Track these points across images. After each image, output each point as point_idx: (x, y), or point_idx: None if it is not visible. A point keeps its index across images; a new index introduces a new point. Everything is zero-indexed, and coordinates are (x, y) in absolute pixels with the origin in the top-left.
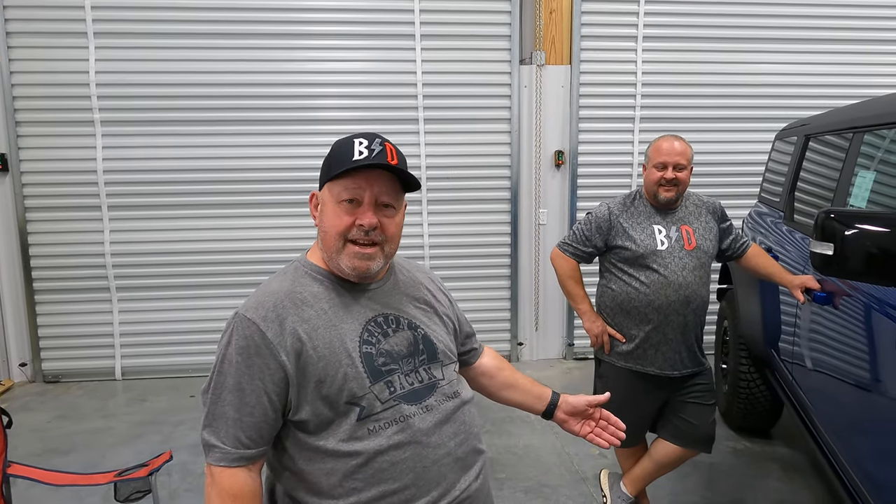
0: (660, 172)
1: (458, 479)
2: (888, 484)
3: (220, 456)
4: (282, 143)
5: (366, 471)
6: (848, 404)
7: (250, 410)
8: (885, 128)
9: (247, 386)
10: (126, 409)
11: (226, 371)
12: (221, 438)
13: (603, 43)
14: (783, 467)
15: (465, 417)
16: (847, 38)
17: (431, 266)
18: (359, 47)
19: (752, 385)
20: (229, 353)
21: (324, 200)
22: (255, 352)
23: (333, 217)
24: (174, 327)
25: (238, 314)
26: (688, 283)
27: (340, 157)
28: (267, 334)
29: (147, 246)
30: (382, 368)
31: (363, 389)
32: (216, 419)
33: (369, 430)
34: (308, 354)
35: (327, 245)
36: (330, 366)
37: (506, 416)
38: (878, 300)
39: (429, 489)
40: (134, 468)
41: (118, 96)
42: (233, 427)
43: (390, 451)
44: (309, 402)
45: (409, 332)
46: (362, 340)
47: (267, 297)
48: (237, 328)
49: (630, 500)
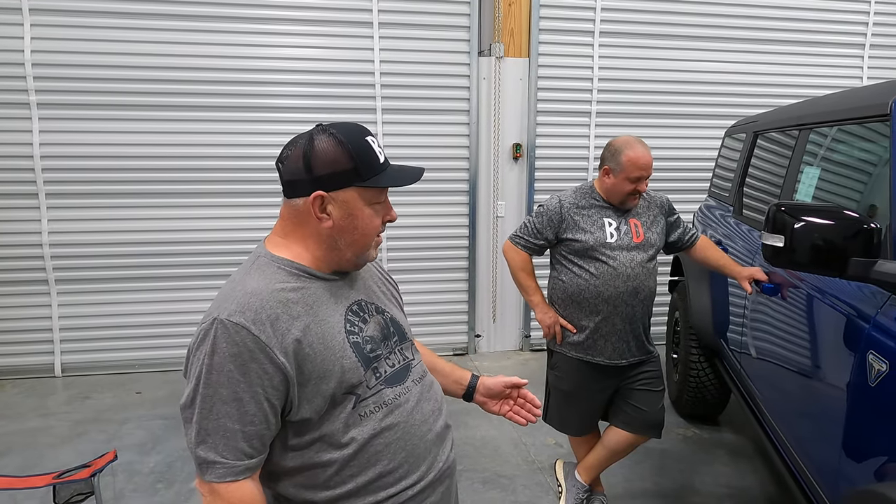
0: (633, 185)
1: (439, 452)
2: (827, 464)
3: (225, 471)
4: (232, 131)
5: (362, 456)
6: (791, 391)
7: (251, 419)
8: (827, 126)
9: (244, 395)
10: (67, 408)
11: (215, 382)
12: (221, 453)
13: (561, 37)
14: (730, 452)
15: (436, 395)
16: (795, 40)
17: (389, 258)
18: (315, 34)
19: (701, 374)
20: (217, 362)
21: (349, 202)
22: (249, 357)
23: (369, 220)
24: (119, 321)
25: (219, 320)
26: (636, 274)
27: (369, 162)
28: (261, 338)
29: (89, 236)
30: (370, 355)
31: (359, 378)
32: (211, 434)
33: (360, 416)
34: (305, 353)
35: (357, 245)
36: (327, 360)
37: (463, 409)
38: (821, 290)
39: (418, 465)
40: (75, 469)
41: (57, 77)
42: (233, 439)
43: (383, 433)
44: (309, 399)
45: (378, 317)
46: (347, 331)
47: (250, 299)
48: (222, 335)
49: (584, 487)
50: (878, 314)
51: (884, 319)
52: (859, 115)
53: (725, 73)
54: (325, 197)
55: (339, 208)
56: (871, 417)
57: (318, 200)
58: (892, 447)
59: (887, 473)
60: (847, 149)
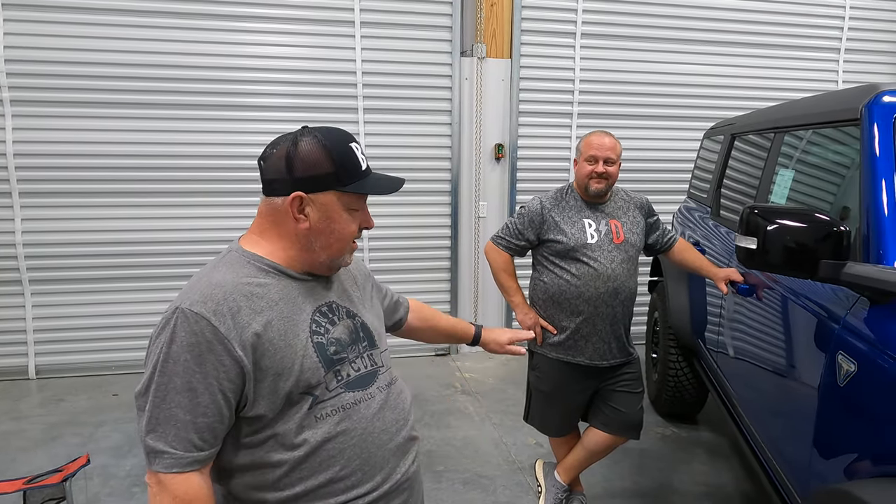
0: (591, 166)
1: (398, 463)
2: (799, 462)
3: (172, 462)
4: (211, 130)
5: (314, 459)
6: (765, 390)
7: (203, 411)
8: (802, 129)
9: (199, 385)
10: (40, 410)
11: (170, 371)
12: (171, 443)
13: (543, 38)
14: (707, 451)
15: (402, 404)
16: (773, 44)
17: (371, 258)
18: (297, 32)
19: (679, 373)
20: (174, 351)
21: (327, 205)
22: (206, 348)
23: (345, 225)
24: (95, 322)
25: (181, 309)
26: (616, 275)
27: (351, 167)
28: (220, 329)
29: (63, 235)
30: (334, 357)
31: (318, 379)
32: (161, 423)
33: (316, 419)
34: (265, 347)
35: (332, 249)
36: (287, 357)
37: (444, 409)
38: (795, 292)
39: (373, 474)
40: (47, 474)
41: (31, 73)
42: (184, 430)
43: (338, 437)
44: (265, 395)
45: (348, 321)
46: (312, 331)
47: (214, 290)
48: (182, 324)
49: (564, 487)
50: (847, 315)
51: (853, 321)
52: (832, 119)
53: (705, 75)
54: (304, 198)
55: (316, 211)
56: (841, 417)
57: (296, 201)
58: (860, 446)
59: (856, 471)
60: (821, 152)
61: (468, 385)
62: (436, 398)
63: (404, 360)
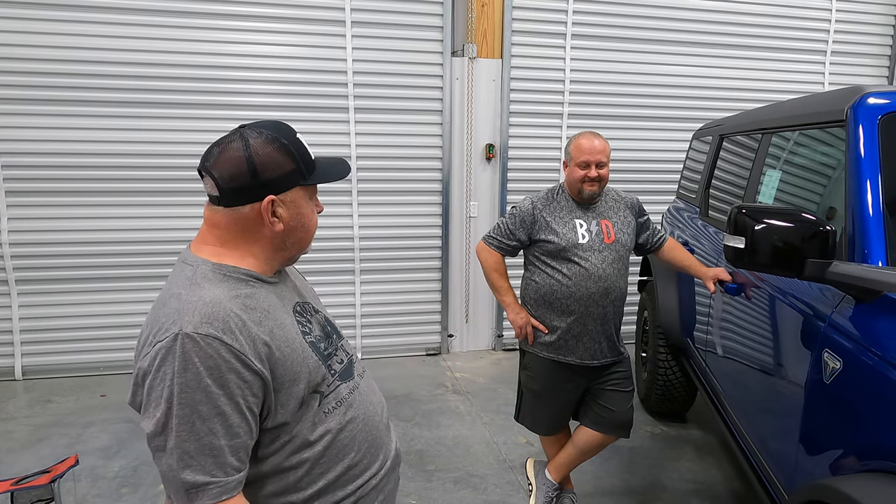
0: (583, 171)
1: (390, 441)
2: (785, 458)
3: (220, 490)
4: (201, 129)
5: (331, 451)
6: (753, 388)
7: (236, 432)
8: (789, 130)
9: (226, 408)
10: (27, 412)
11: (191, 401)
12: (212, 473)
13: (534, 39)
14: (696, 448)
15: (374, 386)
16: (761, 46)
17: (362, 258)
18: (287, 31)
19: (669, 372)
20: (190, 379)
21: (296, 202)
22: (227, 368)
23: (312, 215)
24: (82, 322)
25: (185, 334)
26: (607, 275)
27: (308, 159)
28: (234, 346)
29: (50, 235)
30: (325, 353)
31: (322, 376)
32: (196, 455)
33: (325, 414)
34: (276, 357)
35: (304, 242)
36: (296, 362)
37: (435, 409)
38: (782, 291)
39: (378, 454)
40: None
41: (15, 71)
42: (221, 455)
43: (348, 426)
44: (283, 403)
45: (318, 316)
46: (301, 331)
47: (213, 308)
48: (192, 349)
49: (554, 486)
50: (833, 313)
51: (838, 318)
52: (818, 121)
53: (694, 77)
54: (276, 200)
55: (287, 209)
56: (827, 414)
57: (270, 205)
58: (845, 442)
59: (841, 467)
60: (807, 152)
61: (459, 384)
62: (427, 398)
63: (395, 360)
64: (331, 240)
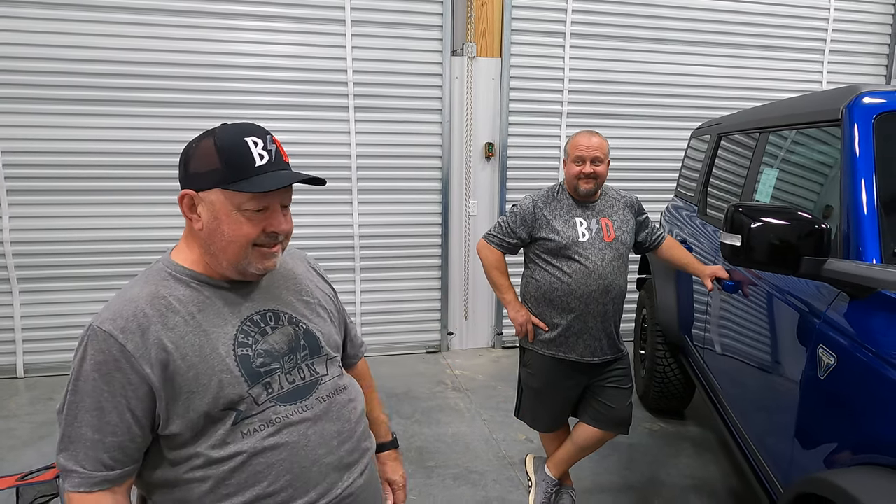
0: (578, 167)
1: (339, 478)
2: (781, 454)
3: (80, 481)
4: (201, 128)
5: (240, 475)
6: (750, 385)
7: (112, 430)
8: (786, 129)
9: (107, 404)
10: (30, 409)
11: (81, 390)
12: (80, 462)
13: (533, 38)
14: (694, 445)
15: (349, 415)
16: (759, 45)
17: (361, 256)
18: (287, 31)
19: (667, 369)
20: (84, 369)
21: (215, 204)
22: (114, 367)
23: (236, 226)
24: (83, 320)
25: (92, 326)
26: (607, 273)
27: (240, 163)
28: (127, 347)
29: (52, 233)
30: (261, 370)
31: (241, 394)
32: (73, 442)
33: (242, 434)
34: (176, 365)
35: (228, 253)
36: (202, 375)
37: (435, 406)
38: (779, 288)
39: (307, 490)
40: (39, 471)
41: (15, 70)
42: (92, 449)
43: (265, 452)
44: (180, 414)
45: (289, 328)
46: (237, 343)
47: (125, 306)
48: (92, 342)
49: (554, 482)
50: (827, 310)
51: (833, 315)
52: (815, 120)
53: (693, 75)
54: (194, 196)
55: (206, 210)
56: (821, 409)
57: (185, 199)
58: (839, 436)
59: (835, 461)
60: (804, 151)
61: (459, 382)
62: (426, 395)
63: (395, 358)
64: (331, 238)
